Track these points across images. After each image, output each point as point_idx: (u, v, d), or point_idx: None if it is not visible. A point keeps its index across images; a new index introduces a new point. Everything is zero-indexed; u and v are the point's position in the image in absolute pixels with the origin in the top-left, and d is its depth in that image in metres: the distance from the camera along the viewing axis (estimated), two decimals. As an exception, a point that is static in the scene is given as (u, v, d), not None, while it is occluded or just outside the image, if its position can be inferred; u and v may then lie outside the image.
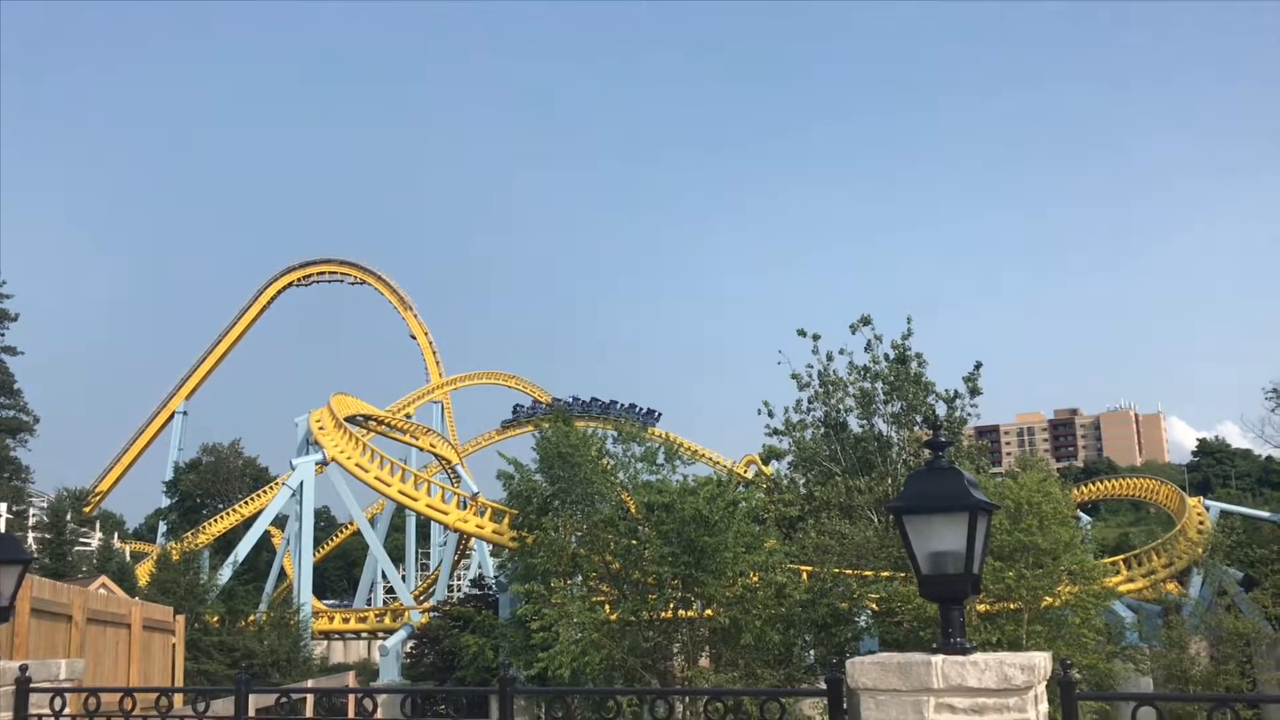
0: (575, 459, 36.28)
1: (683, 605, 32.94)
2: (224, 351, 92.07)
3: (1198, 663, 38.60)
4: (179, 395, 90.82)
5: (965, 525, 5.82)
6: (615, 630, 32.31)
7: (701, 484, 33.56)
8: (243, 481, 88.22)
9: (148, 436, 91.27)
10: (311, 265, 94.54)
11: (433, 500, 54.97)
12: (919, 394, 45.00)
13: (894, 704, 5.63)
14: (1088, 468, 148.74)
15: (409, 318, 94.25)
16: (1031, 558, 30.31)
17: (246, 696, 8.55)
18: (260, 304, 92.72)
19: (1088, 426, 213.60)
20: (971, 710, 5.50)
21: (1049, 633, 30.10)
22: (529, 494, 38.20)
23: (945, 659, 5.57)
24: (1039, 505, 30.90)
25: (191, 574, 46.95)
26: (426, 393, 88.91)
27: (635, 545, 33.37)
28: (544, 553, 35.46)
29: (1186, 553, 55.33)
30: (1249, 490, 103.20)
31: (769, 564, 33.00)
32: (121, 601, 16.95)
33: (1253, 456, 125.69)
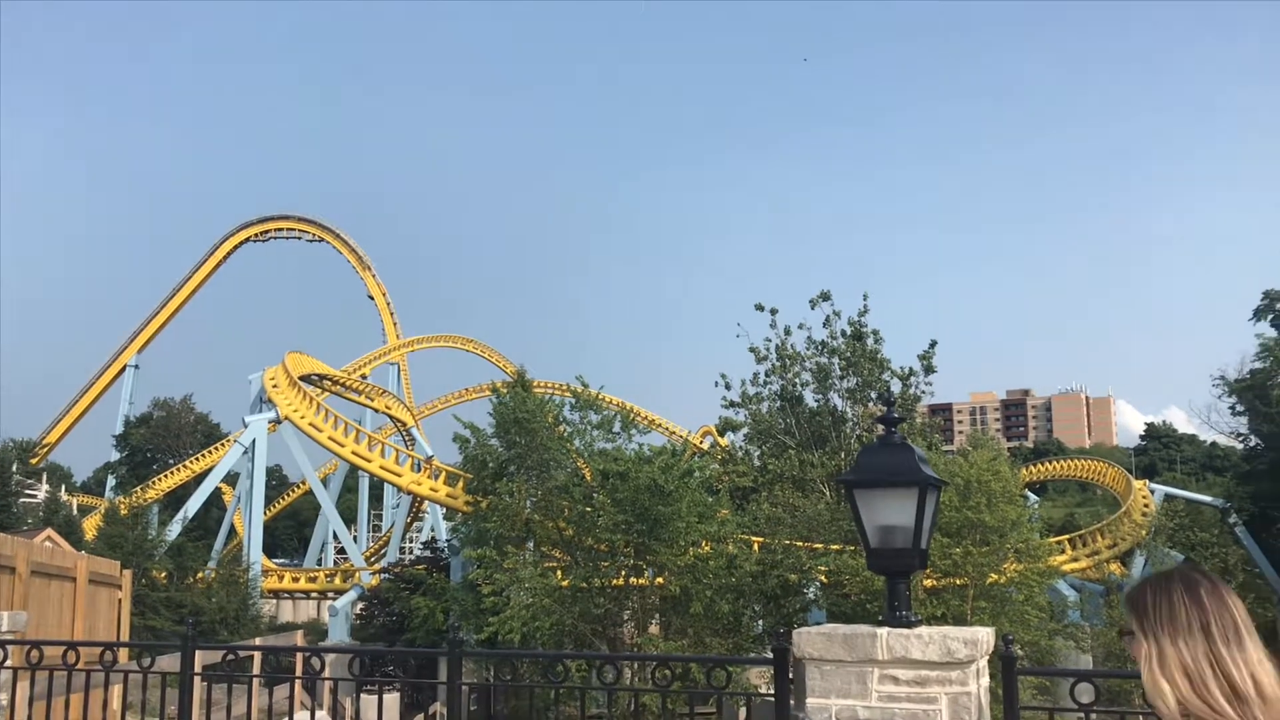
0: (532, 425, 36.28)
1: (634, 573, 33.11)
2: (178, 305, 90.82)
3: (1136, 642, 39.34)
4: (131, 348, 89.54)
5: (914, 500, 5.88)
6: (566, 596, 32.44)
7: (657, 453, 33.68)
8: (194, 437, 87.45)
9: (98, 389, 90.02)
10: (269, 221, 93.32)
11: (387, 462, 54.73)
12: (874, 370, 45.27)
13: (839, 674, 5.70)
14: (1038, 448, 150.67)
15: (367, 277, 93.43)
16: (979, 535, 30.74)
17: (193, 652, 8.51)
18: (216, 259, 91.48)
19: (1039, 408, 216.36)
20: (914, 682, 5.58)
21: (994, 609, 30.57)
22: (484, 459, 38.17)
23: (890, 631, 5.65)
24: (988, 484, 31.31)
25: (140, 529, 46.51)
26: (383, 354, 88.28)
27: (589, 512, 33.45)
28: (498, 517, 35.49)
29: (1130, 534, 56.33)
30: (1193, 475, 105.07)
31: (721, 534, 33.23)
32: (67, 555, 16.76)
33: (1198, 442, 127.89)
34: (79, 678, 8.56)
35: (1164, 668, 2.81)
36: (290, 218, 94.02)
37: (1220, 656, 2.77)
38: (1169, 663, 2.81)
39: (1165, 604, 2.90)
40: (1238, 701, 2.71)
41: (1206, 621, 2.83)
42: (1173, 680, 2.78)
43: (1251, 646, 2.81)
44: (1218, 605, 2.87)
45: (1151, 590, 2.99)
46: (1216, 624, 2.82)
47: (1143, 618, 2.93)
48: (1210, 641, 2.80)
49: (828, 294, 46.33)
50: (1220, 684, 2.74)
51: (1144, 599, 2.97)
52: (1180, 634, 2.83)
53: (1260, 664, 2.78)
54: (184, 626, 8.59)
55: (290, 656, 19.23)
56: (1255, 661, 2.78)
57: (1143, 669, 2.87)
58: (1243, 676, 2.74)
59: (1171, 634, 2.84)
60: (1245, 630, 2.83)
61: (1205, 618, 2.84)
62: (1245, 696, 2.71)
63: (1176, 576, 3.00)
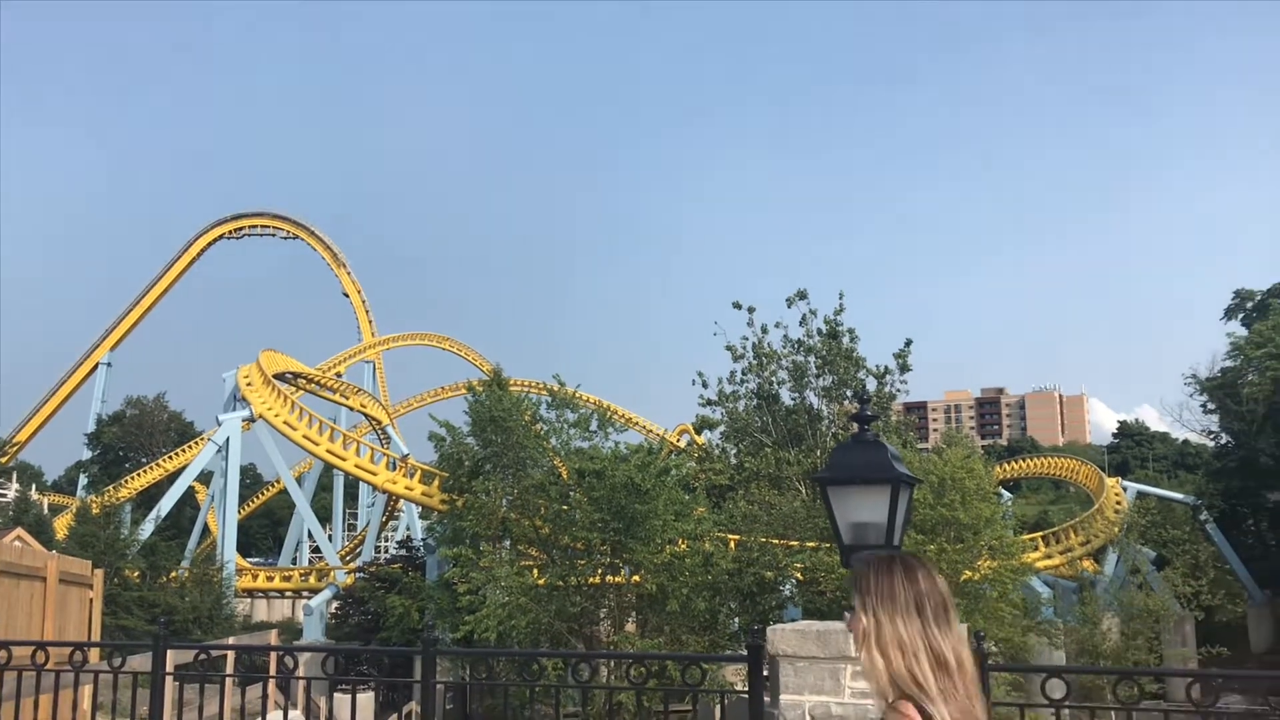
0: (508, 423, 36.23)
1: (611, 571, 33.11)
2: (151, 303, 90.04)
3: (1109, 638, 39.67)
4: (104, 345, 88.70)
5: (887, 497, 5.91)
6: (543, 595, 32.41)
7: (633, 451, 33.69)
8: (167, 436, 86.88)
9: (70, 386, 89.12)
10: (244, 218, 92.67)
11: (361, 460, 54.53)
12: (850, 369, 45.44)
13: (812, 671, 5.72)
14: (1011, 446, 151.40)
15: (342, 275, 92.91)
16: (953, 532, 30.91)
17: (164, 652, 8.45)
18: (190, 256, 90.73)
19: (1013, 406, 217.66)
20: (887, 678, 5.61)
21: (968, 606, 30.73)
22: (460, 457, 38.10)
23: (863, 628, 5.66)
24: (962, 481, 31.50)
25: (112, 528, 46.12)
26: (358, 352, 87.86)
27: (566, 511, 33.43)
28: (473, 516, 35.42)
29: (1103, 532, 56.74)
30: (1165, 472, 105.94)
31: (698, 532, 33.27)
32: (37, 554, 16.60)
33: (1170, 440, 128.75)
34: (48, 678, 8.49)
35: (880, 642, 3.06)
36: (264, 214, 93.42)
37: (931, 633, 3.04)
38: (885, 638, 3.06)
39: (886, 584, 3.14)
40: (942, 673, 2.99)
41: (921, 602, 3.08)
42: (887, 654, 3.04)
43: (956, 625, 3.11)
44: (930, 587, 3.12)
45: (874, 571, 3.20)
46: (929, 604, 3.08)
47: (865, 596, 3.16)
48: (924, 620, 3.05)
49: (804, 293, 46.48)
50: (929, 657, 3.00)
51: (867, 579, 3.20)
52: (898, 612, 3.07)
53: (961, 640, 3.09)
54: (156, 626, 8.53)
55: (264, 656, 19.13)
56: (958, 638, 3.08)
57: (861, 643, 3.12)
58: (947, 651, 3.02)
59: (890, 612, 3.08)
60: (951, 610, 3.12)
61: (920, 598, 3.09)
62: (948, 668, 3.00)
63: (897, 560, 3.23)
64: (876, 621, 3.10)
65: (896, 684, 3.02)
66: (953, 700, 2.98)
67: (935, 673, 3.00)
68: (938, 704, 2.95)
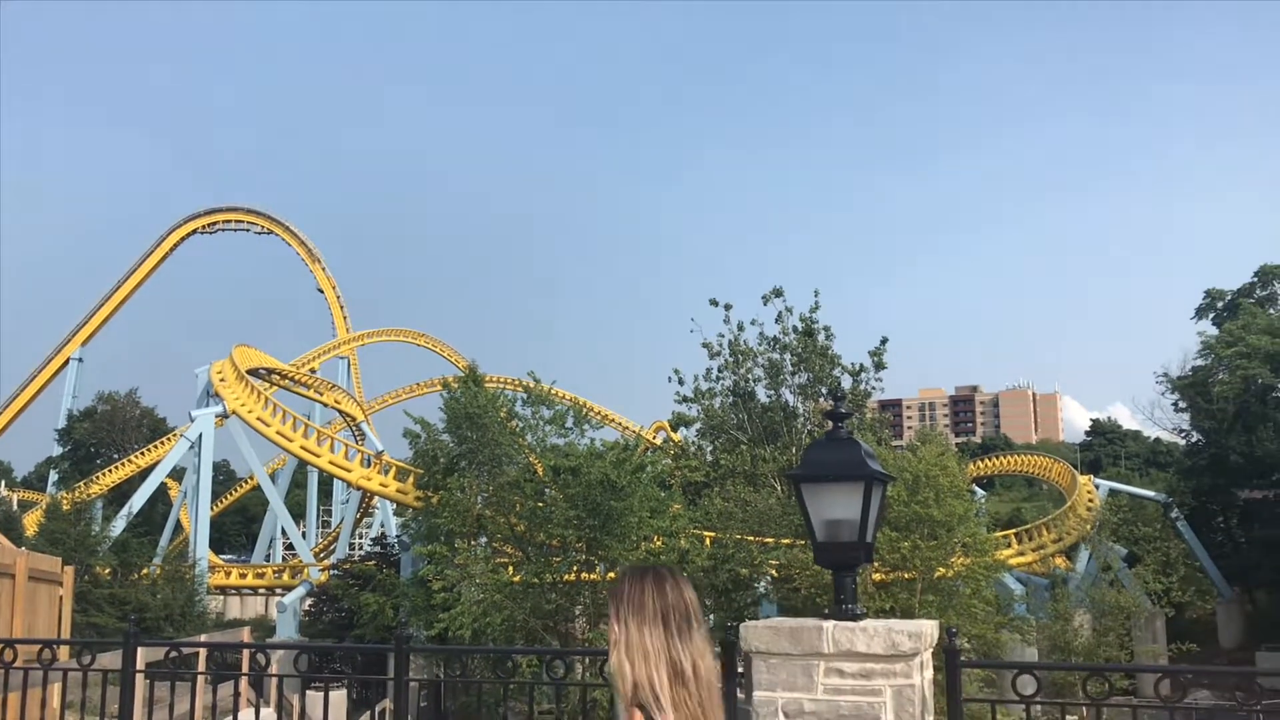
0: (483, 420, 36.15)
1: (586, 568, 33.10)
2: (123, 297, 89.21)
3: (1080, 635, 39.95)
4: (75, 340, 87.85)
5: (860, 494, 5.92)
6: (518, 592, 32.37)
7: (609, 448, 33.69)
8: (139, 432, 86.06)
9: (40, 382, 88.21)
10: (217, 212, 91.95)
11: (336, 457, 54.25)
12: (825, 366, 45.62)
13: (785, 667, 5.73)
14: (985, 443, 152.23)
15: (317, 270, 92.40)
16: (927, 529, 31.06)
17: (134, 649, 8.38)
18: (163, 250, 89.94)
19: (987, 404, 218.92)
20: (859, 674, 5.63)
21: (941, 602, 30.90)
22: (435, 454, 37.99)
23: (836, 625, 5.69)
24: (936, 479, 31.64)
25: (83, 525, 45.70)
26: (333, 348, 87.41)
27: (541, 508, 33.39)
28: (449, 513, 35.34)
29: (1075, 529, 57.11)
30: (1137, 470, 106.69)
31: (673, 529, 33.32)
32: (6, 551, 16.44)
33: (1142, 438, 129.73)
34: (16, 676, 8.40)
35: (629, 650, 3.23)
36: (239, 209, 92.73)
37: (673, 644, 3.21)
38: (633, 646, 3.23)
39: (637, 595, 3.30)
40: (678, 681, 3.17)
41: (667, 613, 3.26)
42: (634, 661, 3.21)
43: (698, 636, 3.28)
44: (678, 599, 3.30)
45: (629, 582, 3.37)
46: (675, 615, 3.26)
47: (618, 605, 3.32)
48: (667, 630, 3.23)
49: (780, 290, 46.63)
50: (668, 667, 3.18)
51: (622, 590, 3.36)
52: (646, 622, 3.24)
53: (701, 652, 3.26)
54: (127, 623, 8.46)
55: (236, 653, 19.02)
56: (698, 649, 3.25)
57: (611, 650, 3.28)
58: (685, 661, 3.20)
59: (639, 621, 3.25)
60: (695, 622, 3.29)
61: (667, 610, 3.26)
62: (684, 677, 3.18)
63: (650, 572, 3.40)
64: (626, 630, 3.26)
65: (638, 691, 3.18)
66: (683, 710, 3.16)
67: (672, 681, 3.17)
68: (666, 713, 3.14)
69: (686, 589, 3.37)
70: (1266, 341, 58.03)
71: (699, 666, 3.23)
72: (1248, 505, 63.18)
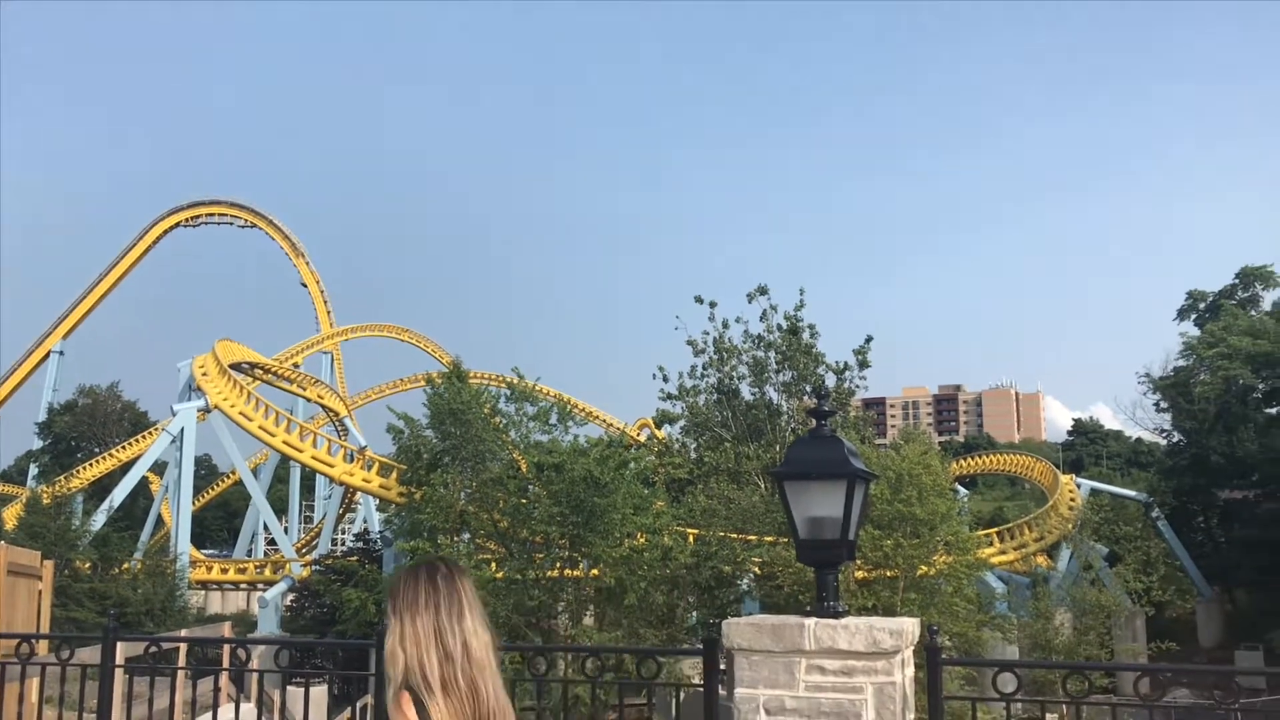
0: (467, 416, 36.07)
1: (569, 565, 33.08)
2: (105, 291, 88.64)
3: (1061, 633, 40.15)
4: (56, 333, 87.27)
5: (843, 492, 5.93)
6: (501, 588, 32.32)
7: (593, 445, 33.66)
8: (120, 426, 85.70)
9: (20, 375, 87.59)
10: (200, 206, 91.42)
11: (319, 452, 54.07)
12: (809, 364, 45.68)
13: (767, 664, 5.74)
14: (968, 442, 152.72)
15: (300, 264, 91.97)
16: (909, 527, 31.15)
17: (114, 644, 8.33)
18: (145, 243, 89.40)
19: (970, 403, 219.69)
20: (841, 672, 5.64)
21: (923, 600, 30.99)
22: (419, 450, 37.91)
23: (818, 622, 5.69)
24: (919, 477, 31.73)
25: (63, 519, 45.46)
26: (316, 342, 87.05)
27: (525, 504, 33.35)
28: (431, 509, 35.25)
29: (1057, 528, 57.36)
30: (1119, 470, 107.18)
31: (657, 526, 33.30)
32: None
33: (1124, 438, 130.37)
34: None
35: (402, 639, 3.45)
36: (222, 202, 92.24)
37: (443, 628, 3.46)
38: (405, 634, 3.45)
39: (411, 588, 3.55)
40: (448, 664, 3.41)
41: (438, 602, 3.50)
42: (405, 648, 3.44)
43: (471, 620, 3.52)
44: (450, 589, 3.54)
45: (405, 577, 3.62)
46: (445, 603, 3.50)
47: (394, 598, 3.56)
48: (438, 616, 3.47)
49: (765, 288, 46.66)
50: (438, 649, 3.43)
51: (398, 584, 3.61)
52: (418, 612, 3.48)
53: (474, 634, 3.50)
54: (107, 618, 8.41)
55: (217, 648, 18.94)
56: (470, 631, 3.49)
57: (388, 640, 3.48)
58: (454, 643, 3.44)
59: (412, 612, 3.48)
60: (469, 608, 3.53)
61: (437, 598, 3.50)
62: (454, 658, 3.42)
63: (424, 566, 3.65)
64: (400, 622, 3.49)
65: (409, 675, 3.41)
66: (453, 690, 3.40)
67: (442, 664, 3.41)
68: (436, 694, 3.37)
69: (461, 579, 3.59)
70: (1247, 343, 58.38)
71: (470, 646, 3.47)
72: (1228, 505, 63.55)
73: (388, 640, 3.49)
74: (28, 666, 8.27)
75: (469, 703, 3.42)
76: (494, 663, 3.56)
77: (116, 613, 8.38)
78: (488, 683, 3.48)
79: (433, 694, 3.37)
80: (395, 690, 3.42)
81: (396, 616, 3.52)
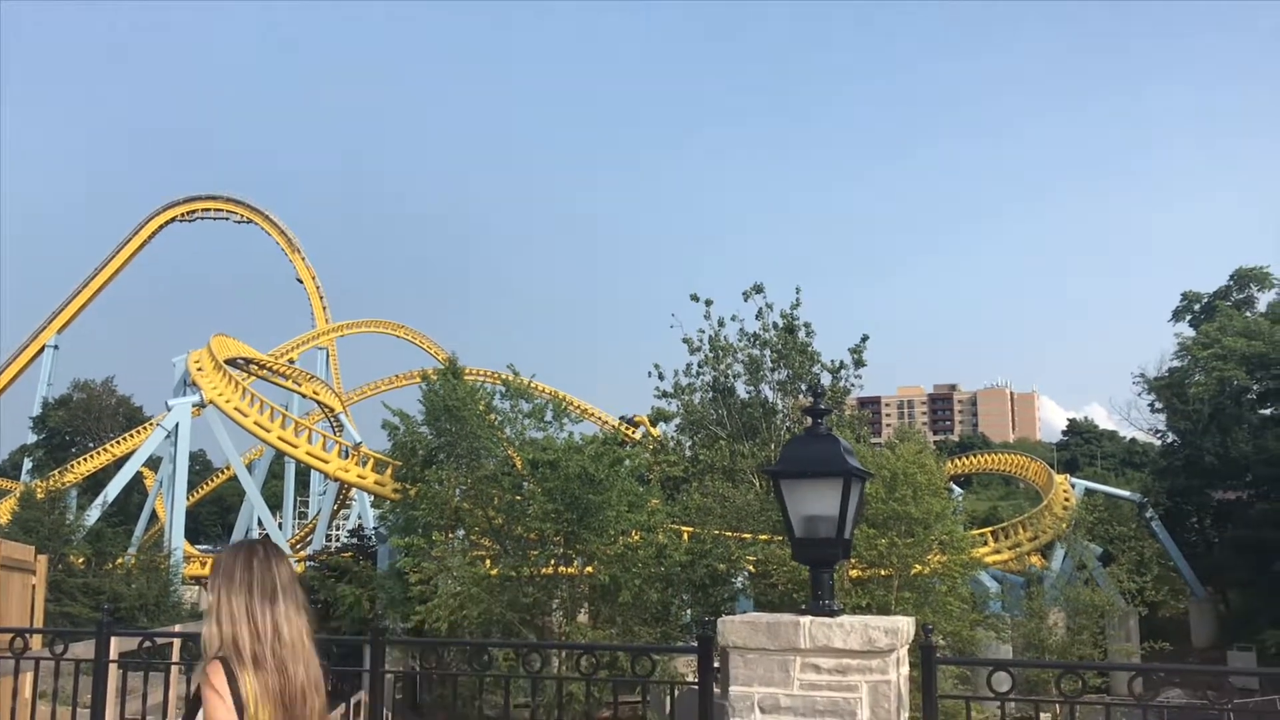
0: (462, 413, 36.03)
1: (564, 562, 33.06)
2: (100, 285, 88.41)
3: (1055, 633, 40.17)
4: (50, 328, 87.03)
5: (838, 491, 5.92)
6: (495, 585, 32.29)
7: (588, 442, 33.64)
8: (115, 420, 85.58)
9: (14, 369, 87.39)
10: (196, 201, 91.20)
11: (314, 448, 54.00)
12: (805, 363, 45.58)
13: (761, 662, 5.74)
14: (963, 442, 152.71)
15: (296, 260, 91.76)
16: (904, 526, 31.12)
17: (108, 639, 8.33)
18: (141, 238, 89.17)
19: (965, 402, 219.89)
20: (836, 670, 5.64)
21: (917, 599, 30.99)
22: (414, 446, 37.86)
23: (813, 620, 5.69)
24: (914, 476, 31.70)
25: (57, 514, 45.38)
26: (312, 338, 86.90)
27: (519, 501, 33.32)
28: (426, 505, 35.22)
29: (1051, 528, 57.41)
30: (1113, 470, 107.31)
31: (651, 524, 33.28)
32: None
33: (1118, 438, 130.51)
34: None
35: (217, 615, 3.66)
36: (218, 198, 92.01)
37: (254, 609, 3.66)
38: (221, 611, 3.66)
39: (228, 567, 3.75)
40: (258, 642, 3.61)
41: (252, 582, 3.69)
42: (220, 624, 3.64)
43: (284, 604, 3.72)
44: (265, 571, 3.74)
45: (227, 556, 3.82)
46: (259, 585, 3.70)
47: (214, 577, 3.75)
48: (250, 597, 3.67)
49: (760, 286, 46.53)
50: (249, 628, 3.62)
51: (219, 562, 3.81)
52: (234, 591, 3.68)
53: (286, 618, 3.70)
54: (101, 613, 8.40)
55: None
56: (281, 614, 3.69)
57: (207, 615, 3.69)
58: (265, 624, 3.64)
59: (228, 590, 3.69)
60: (282, 591, 3.73)
61: (251, 579, 3.70)
62: (265, 639, 3.62)
63: (244, 546, 3.87)
64: (217, 598, 3.69)
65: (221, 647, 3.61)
66: (263, 667, 3.59)
67: (253, 642, 3.61)
68: (247, 667, 3.57)
69: (278, 563, 3.80)
70: (1242, 344, 58.45)
71: (281, 629, 3.67)
72: (1221, 506, 63.65)
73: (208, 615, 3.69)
74: (21, 661, 8.26)
75: (277, 680, 3.61)
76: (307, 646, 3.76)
77: (110, 608, 8.38)
78: (298, 664, 3.68)
79: (244, 666, 3.57)
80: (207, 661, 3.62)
81: (214, 592, 3.71)
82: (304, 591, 3.88)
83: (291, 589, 3.78)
